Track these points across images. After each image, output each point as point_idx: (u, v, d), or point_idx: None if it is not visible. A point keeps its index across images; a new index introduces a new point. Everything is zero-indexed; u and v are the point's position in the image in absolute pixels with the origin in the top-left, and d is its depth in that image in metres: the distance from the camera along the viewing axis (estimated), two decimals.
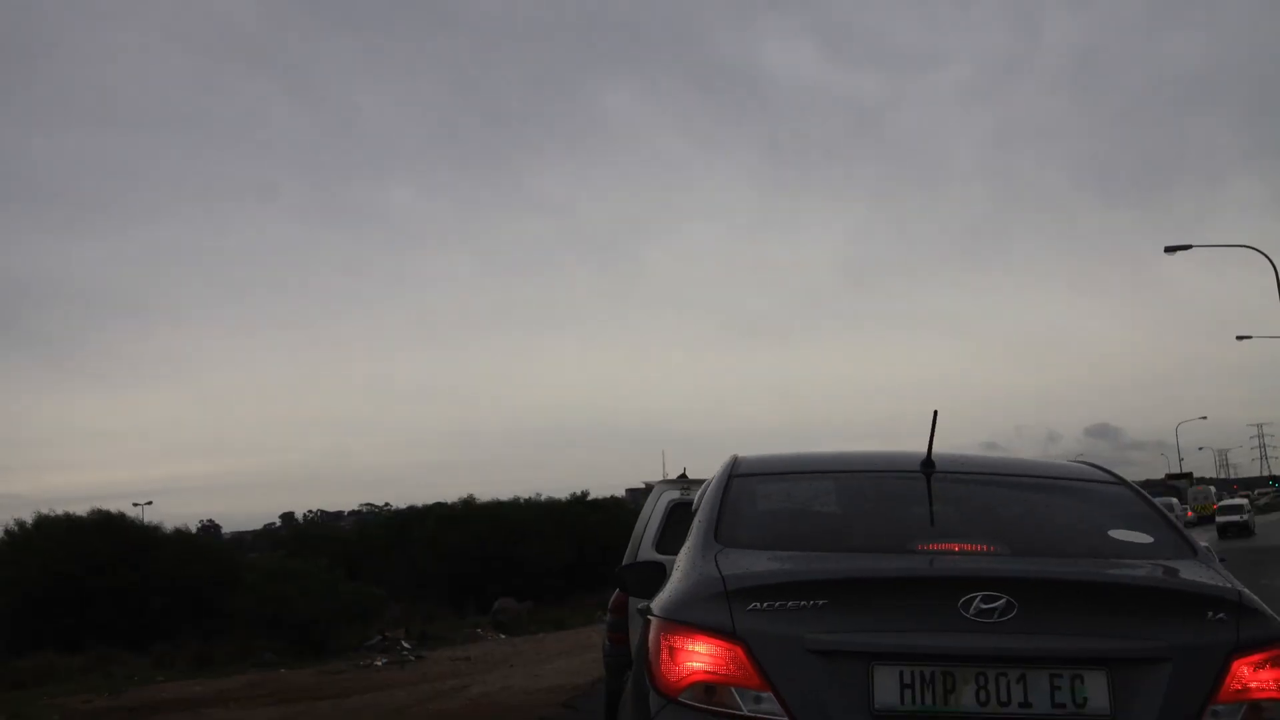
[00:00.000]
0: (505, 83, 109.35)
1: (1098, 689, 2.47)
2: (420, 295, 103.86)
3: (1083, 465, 3.83)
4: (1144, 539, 3.05)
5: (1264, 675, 2.49)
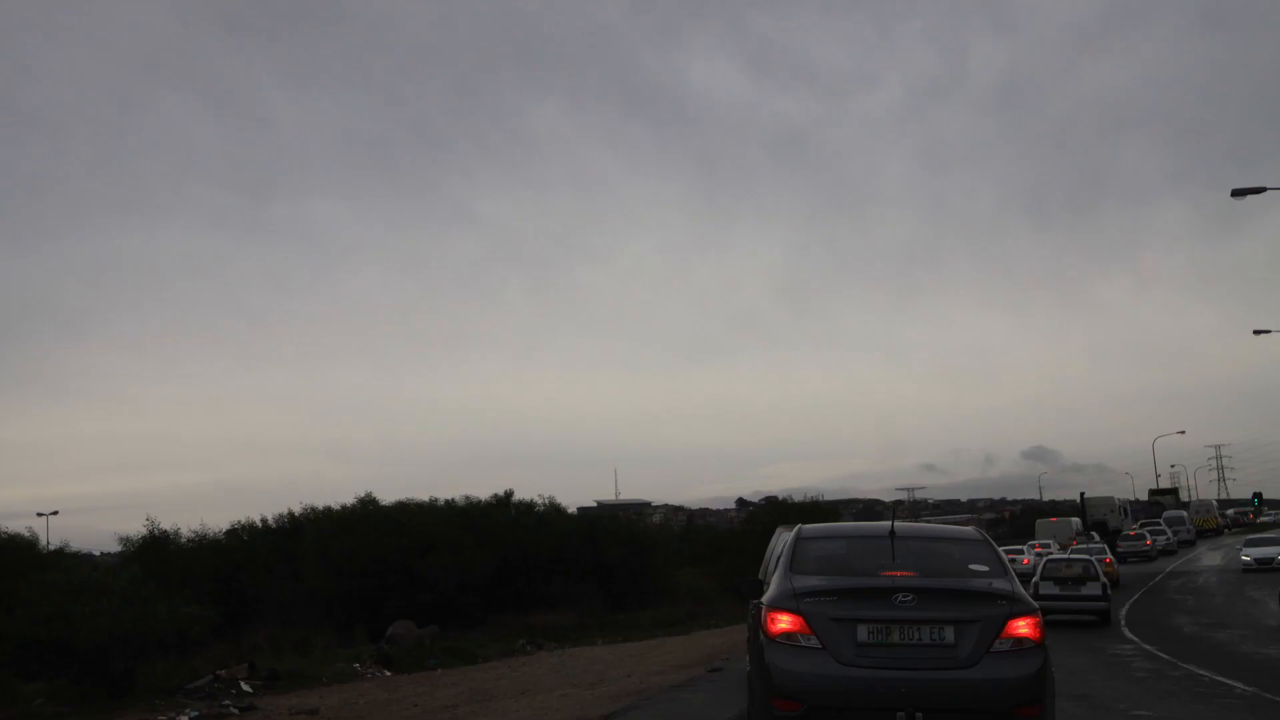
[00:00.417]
0: (429, 98, 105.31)
1: (949, 633, 6.30)
2: (349, 310, 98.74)
3: (969, 530, 7.93)
4: (984, 568, 6.91)
5: (1022, 628, 6.34)
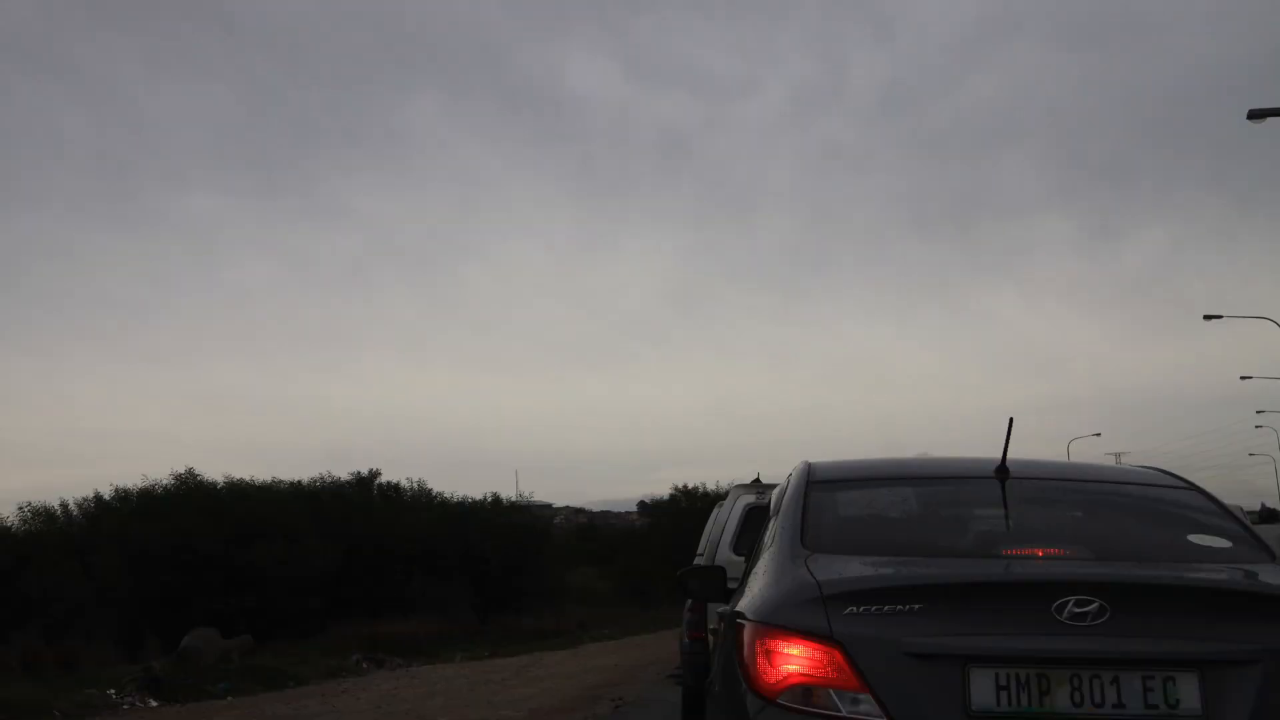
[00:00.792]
0: (300, 92, 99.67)
1: (1190, 690, 2.52)
2: (228, 305, 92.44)
3: (1152, 470, 3.89)
4: (1222, 543, 3.15)
5: None
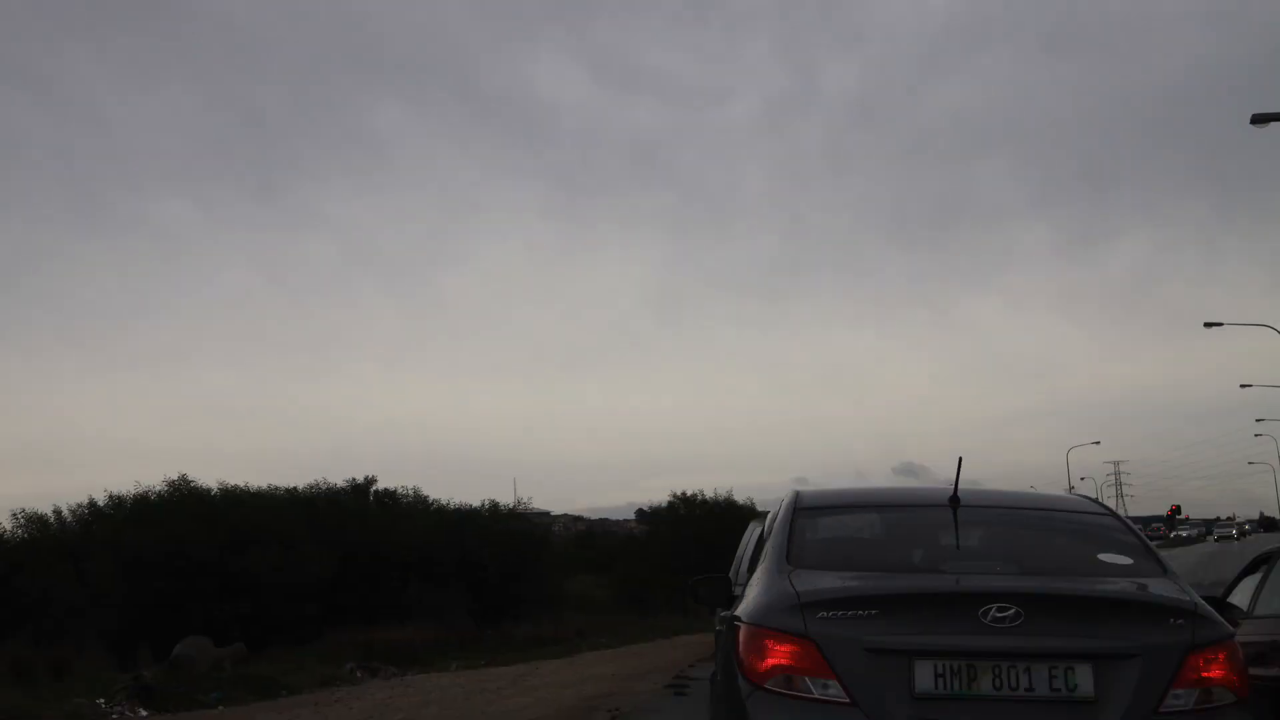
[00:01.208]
0: (267, 98, 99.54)
1: (1085, 678, 3.24)
2: (205, 312, 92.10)
3: (1083, 499, 4.69)
4: (1125, 560, 3.85)
5: (1213, 666, 3.30)
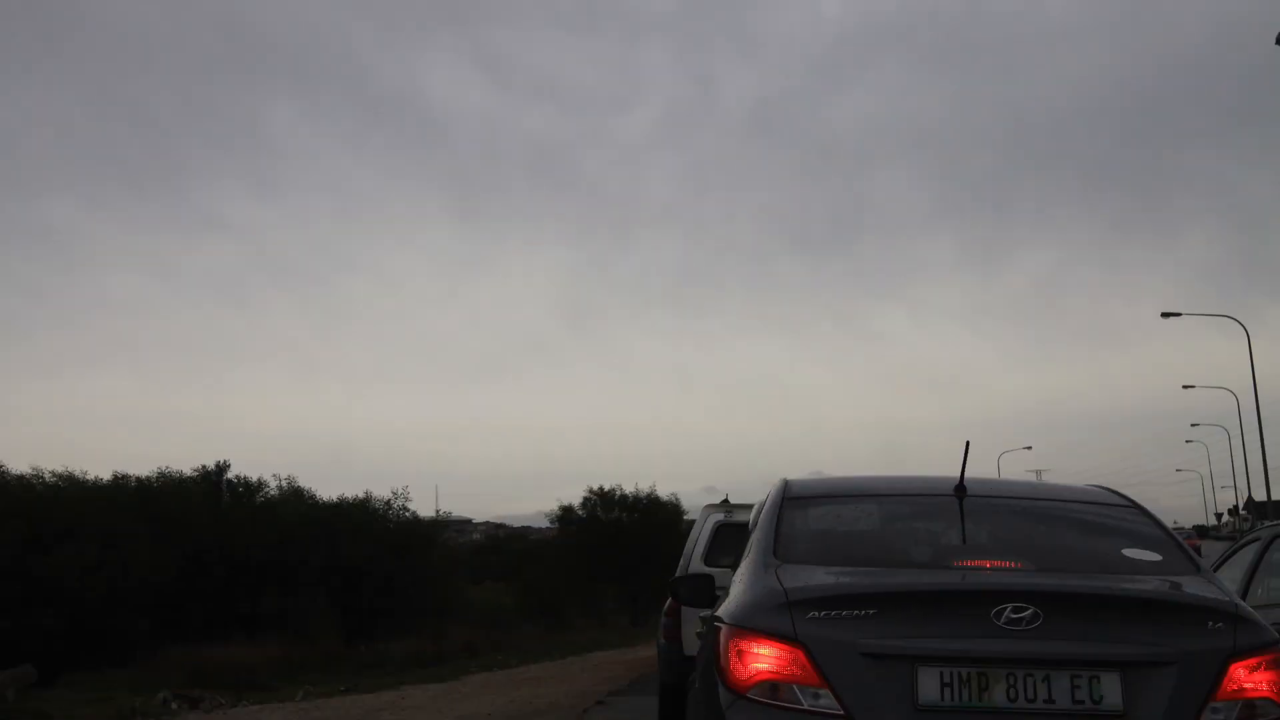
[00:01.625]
0: (153, 98, 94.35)
1: (1112, 688, 2.82)
2: (99, 319, 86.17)
3: (1098, 489, 4.12)
4: (1153, 557, 3.40)
5: (1257, 677, 2.86)
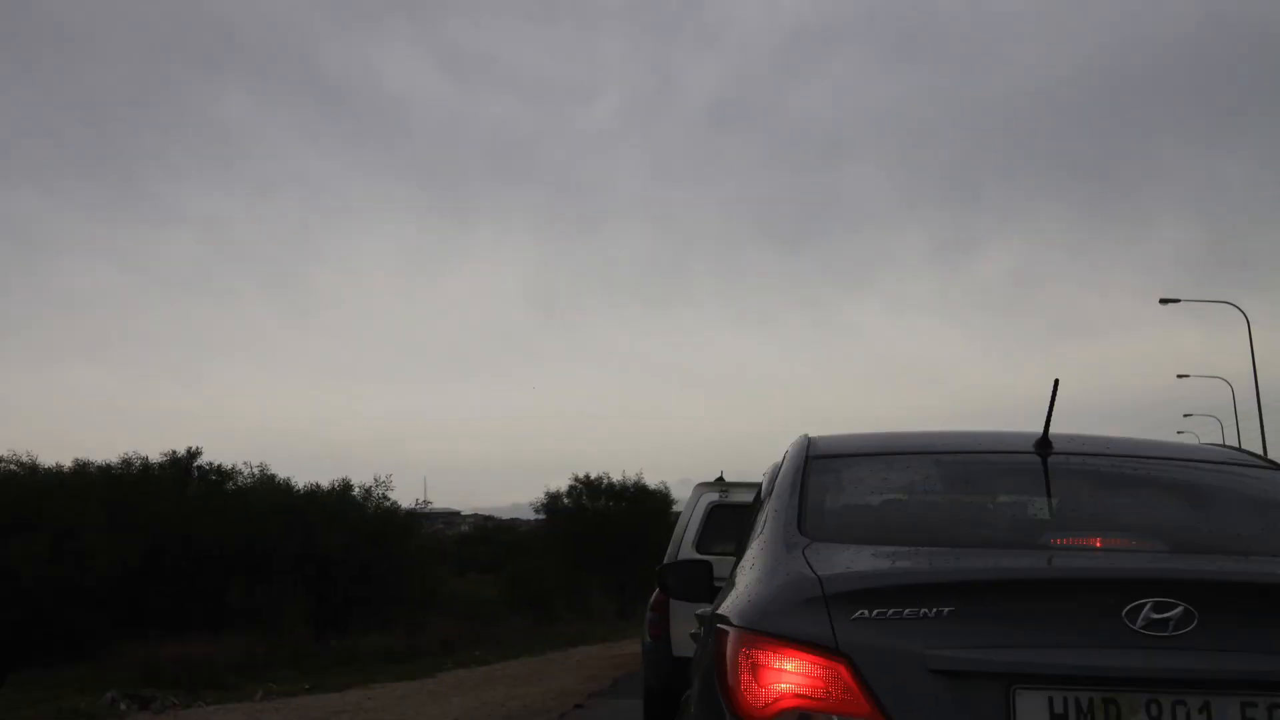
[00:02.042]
0: (105, 86, 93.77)
1: None
2: (63, 310, 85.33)
3: (1226, 448, 3.25)
4: None
5: None
